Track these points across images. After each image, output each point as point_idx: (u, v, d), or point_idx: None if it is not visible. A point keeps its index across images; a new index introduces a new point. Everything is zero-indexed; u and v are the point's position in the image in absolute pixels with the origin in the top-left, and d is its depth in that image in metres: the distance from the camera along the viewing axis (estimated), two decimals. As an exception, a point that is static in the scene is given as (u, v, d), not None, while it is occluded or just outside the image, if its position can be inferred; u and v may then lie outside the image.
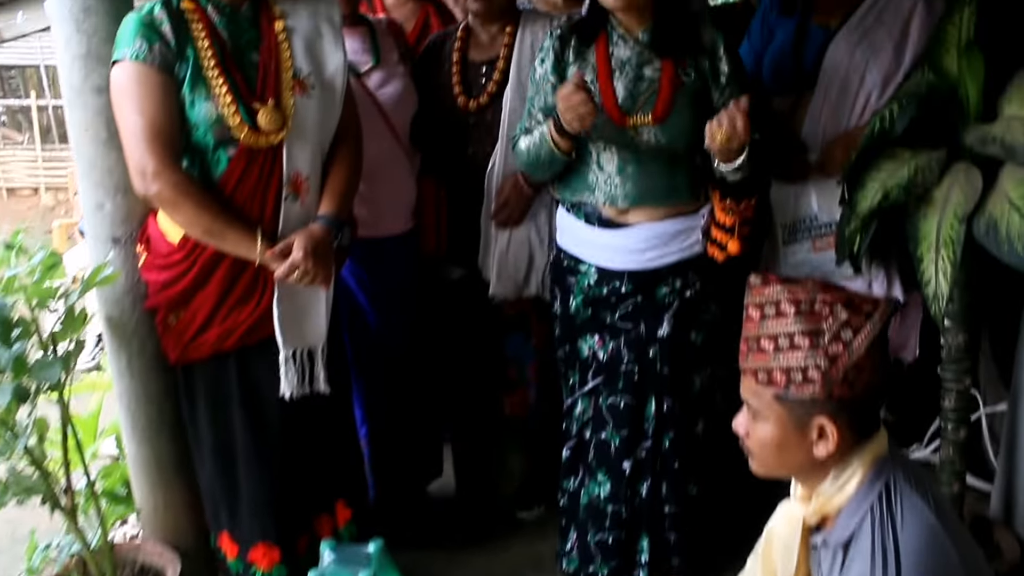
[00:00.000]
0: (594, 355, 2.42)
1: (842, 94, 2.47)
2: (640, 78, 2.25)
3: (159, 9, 2.03)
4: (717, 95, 2.27)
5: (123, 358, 2.31)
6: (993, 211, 2.01)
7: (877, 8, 2.48)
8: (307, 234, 2.10)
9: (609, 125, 2.24)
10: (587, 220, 2.38)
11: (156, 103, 2.00)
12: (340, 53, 2.22)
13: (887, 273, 2.52)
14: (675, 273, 2.34)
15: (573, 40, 2.33)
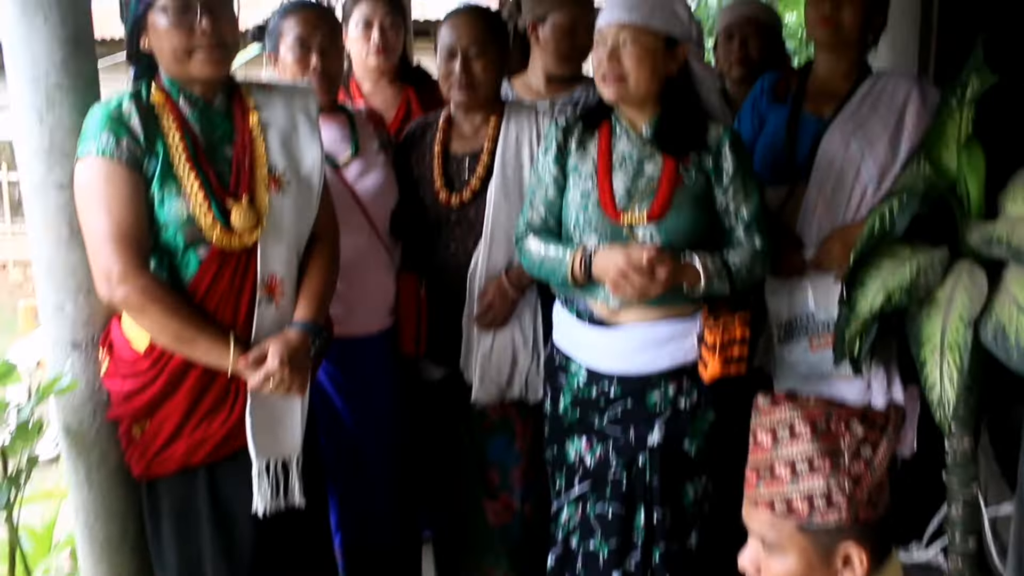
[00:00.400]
0: (581, 460, 2.31)
1: (838, 187, 2.42)
2: (640, 174, 2.19)
3: (127, 102, 1.94)
4: (720, 194, 2.19)
5: (81, 470, 2.15)
6: (1000, 315, 1.94)
7: (871, 98, 2.46)
8: (283, 341, 1.99)
9: (604, 221, 2.17)
10: (579, 316, 2.30)
11: (123, 202, 1.90)
12: (317, 147, 2.13)
13: (887, 371, 2.43)
14: (668, 379, 2.23)
15: (577, 130, 2.28)
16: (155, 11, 1.91)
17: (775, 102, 2.60)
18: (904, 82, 2.45)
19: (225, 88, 2.06)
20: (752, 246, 2.18)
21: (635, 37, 2.11)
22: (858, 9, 2.41)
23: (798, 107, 2.54)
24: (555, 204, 2.28)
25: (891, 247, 2.15)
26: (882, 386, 2.44)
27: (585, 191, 2.22)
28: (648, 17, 2.11)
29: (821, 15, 2.43)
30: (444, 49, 2.48)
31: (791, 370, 2.49)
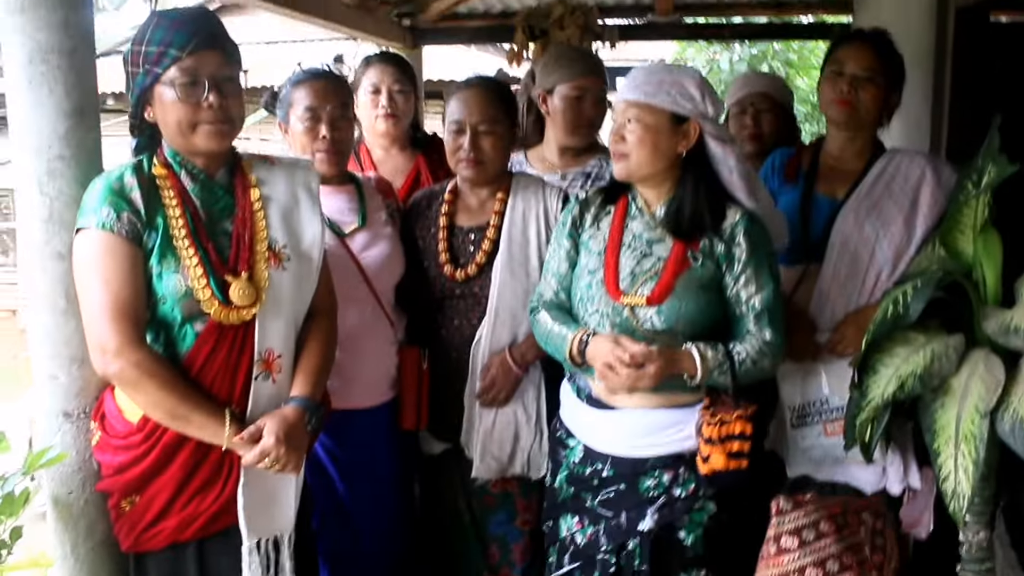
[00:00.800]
0: (572, 537, 2.26)
1: (852, 269, 2.38)
2: (647, 255, 2.15)
3: (129, 175, 1.93)
4: (731, 282, 2.13)
5: (67, 542, 2.09)
6: (1019, 407, 1.88)
7: (884, 179, 2.43)
8: (279, 418, 1.95)
9: (606, 300, 2.14)
10: (578, 394, 2.27)
11: (122, 276, 1.87)
12: (318, 223, 2.11)
13: (903, 457, 2.37)
14: (664, 466, 2.17)
15: (594, 205, 2.26)
16: (162, 84, 1.90)
17: (787, 181, 2.58)
18: (918, 162, 2.42)
19: (227, 161, 2.05)
20: (762, 338, 2.11)
21: (638, 116, 2.09)
22: (877, 90, 2.40)
23: (811, 187, 2.51)
24: (566, 278, 2.26)
25: (905, 333, 2.09)
26: (898, 473, 2.37)
27: (592, 268, 2.19)
28: (652, 95, 2.08)
29: (838, 95, 2.41)
30: (452, 124, 2.46)
31: (804, 455, 2.42)
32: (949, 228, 2.07)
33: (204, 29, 1.92)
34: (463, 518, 2.59)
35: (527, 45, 5.07)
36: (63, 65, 1.91)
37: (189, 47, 1.88)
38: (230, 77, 1.96)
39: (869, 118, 2.43)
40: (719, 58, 10.49)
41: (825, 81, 2.47)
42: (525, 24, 5.03)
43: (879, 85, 2.40)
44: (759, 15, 5.42)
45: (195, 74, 1.90)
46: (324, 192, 2.45)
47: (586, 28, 4.91)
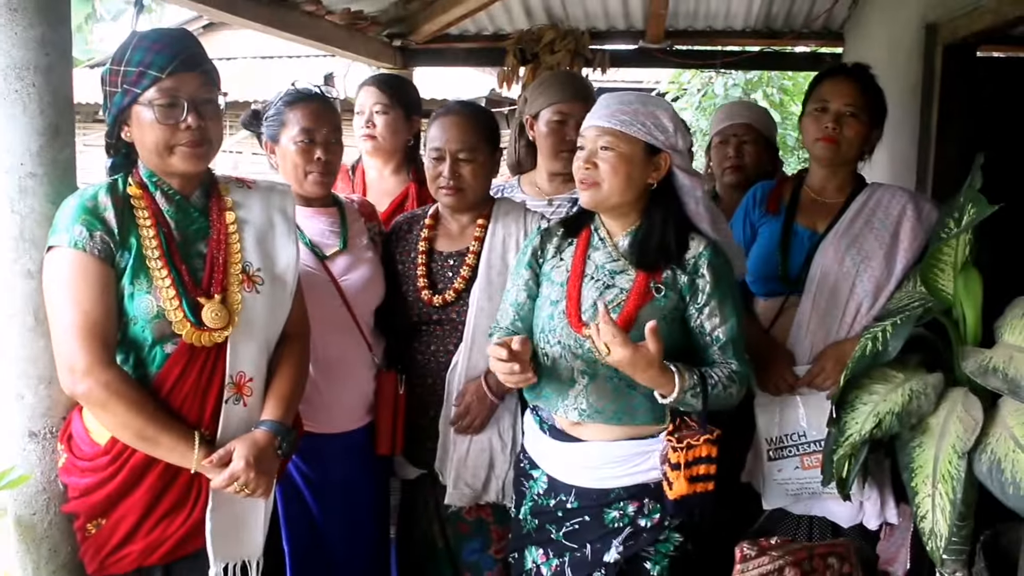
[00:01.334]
0: (537, 569, 2.22)
1: (832, 302, 2.38)
2: (610, 287, 2.11)
3: (103, 194, 1.91)
4: (694, 313, 2.10)
5: (30, 564, 2.05)
6: (996, 449, 1.86)
7: (865, 213, 2.43)
8: (249, 442, 1.93)
9: (568, 332, 2.11)
10: (540, 426, 2.23)
11: (93, 296, 1.85)
12: (293, 247, 2.10)
13: (880, 492, 2.36)
14: (629, 497, 2.13)
15: (556, 236, 2.23)
16: (140, 104, 1.89)
17: (768, 213, 2.57)
18: (899, 197, 2.43)
19: (203, 183, 2.04)
20: (729, 367, 2.07)
21: (613, 144, 2.05)
22: (860, 126, 2.41)
23: (791, 219, 2.50)
24: (524, 307, 2.23)
25: (883, 370, 2.09)
26: (875, 508, 2.37)
27: (555, 299, 2.15)
28: (628, 124, 2.05)
29: (823, 132, 2.42)
30: (432, 150, 2.45)
31: (781, 488, 2.41)
32: (929, 266, 2.06)
33: (184, 51, 1.91)
34: (437, 544, 2.56)
35: (518, 68, 5.08)
36: (38, 82, 1.89)
37: (169, 68, 1.87)
38: (209, 99, 1.94)
39: (852, 153, 2.44)
40: (714, 83, 10.53)
41: (808, 117, 2.47)
42: (516, 48, 5.04)
43: (863, 121, 2.41)
44: (751, 44, 5.44)
45: (174, 96, 1.88)
46: (307, 214, 2.45)
47: (576, 53, 4.93)
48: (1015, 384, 1.84)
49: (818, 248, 2.42)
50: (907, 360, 2.10)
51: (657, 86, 11.13)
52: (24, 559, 2.05)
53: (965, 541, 2.13)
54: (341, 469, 2.48)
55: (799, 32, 5.17)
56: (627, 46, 5.37)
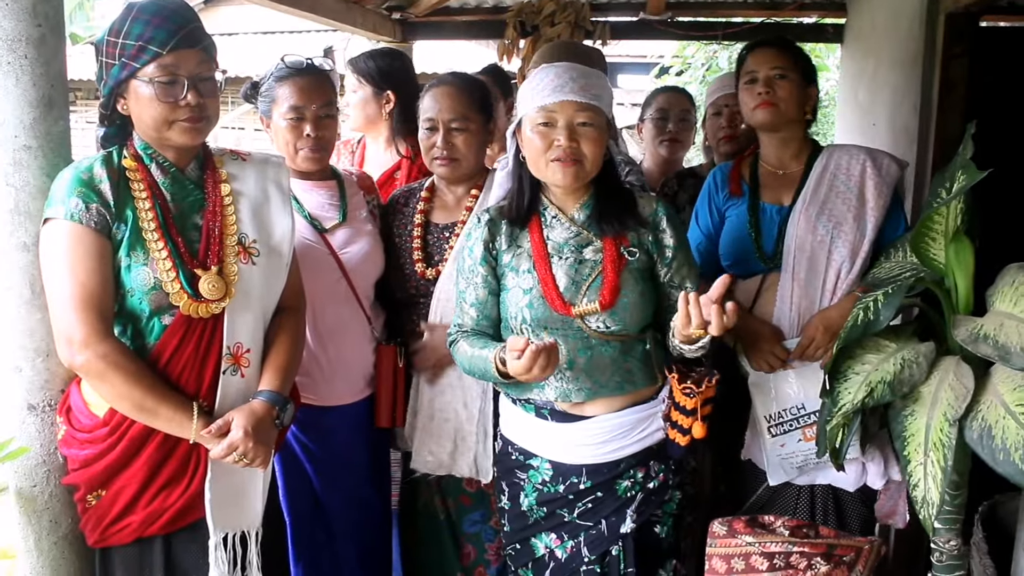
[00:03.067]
0: (551, 553, 2.22)
1: (811, 272, 2.40)
2: (581, 261, 2.10)
3: (99, 166, 1.91)
4: (664, 270, 2.12)
5: (31, 535, 2.07)
6: (987, 416, 1.87)
7: (827, 178, 2.45)
8: (248, 412, 1.94)
9: (553, 316, 2.08)
10: (538, 414, 2.18)
11: (90, 267, 1.85)
12: (288, 219, 2.10)
13: (883, 454, 2.39)
14: (636, 464, 2.15)
15: (504, 225, 2.17)
16: (139, 79, 1.88)
17: (732, 196, 2.59)
18: (857, 156, 2.46)
19: (198, 155, 2.04)
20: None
21: (592, 119, 2.04)
22: (791, 85, 2.44)
23: (756, 197, 2.52)
24: (487, 304, 2.18)
25: (875, 339, 2.10)
26: (879, 468, 2.40)
27: (527, 287, 2.11)
28: (599, 97, 2.06)
29: (757, 99, 2.45)
30: (425, 121, 2.45)
31: (785, 462, 2.42)
32: (921, 234, 2.06)
33: (184, 26, 1.89)
34: (438, 516, 2.58)
35: (518, 41, 5.05)
36: (31, 54, 1.89)
37: (170, 44, 1.86)
38: (208, 76, 1.94)
39: (792, 113, 2.46)
40: (718, 56, 10.46)
41: (742, 92, 2.51)
42: (516, 20, 5.01)
43: (793, 80, 2.44)
44: (753, 15, 5.40)
45: (174, 72, 1.88)
46: (305, 187, 2.45)
47: (577, 25, 4.89)
48: (1005, 351, 1.84)
49: (788, 221, 2.44)
50: (899, 330, 2.10)
51: (660, 60, 11.06)
52: (25, 531, 2.07)
53: (959, 510, 2.15)
54: (341, 441, 2.49)
55: (801, 3, 5.12)
56: (628, 18, 5.32)
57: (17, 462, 2.03)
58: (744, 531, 1.35)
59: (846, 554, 1.31)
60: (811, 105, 2.50)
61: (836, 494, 2.51)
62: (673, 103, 3.52)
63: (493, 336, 2.20)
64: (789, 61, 2.46)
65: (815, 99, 2.51)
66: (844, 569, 1.32)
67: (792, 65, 2.45)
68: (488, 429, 2.43)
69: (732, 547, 1.34)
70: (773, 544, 1.33)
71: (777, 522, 1.34)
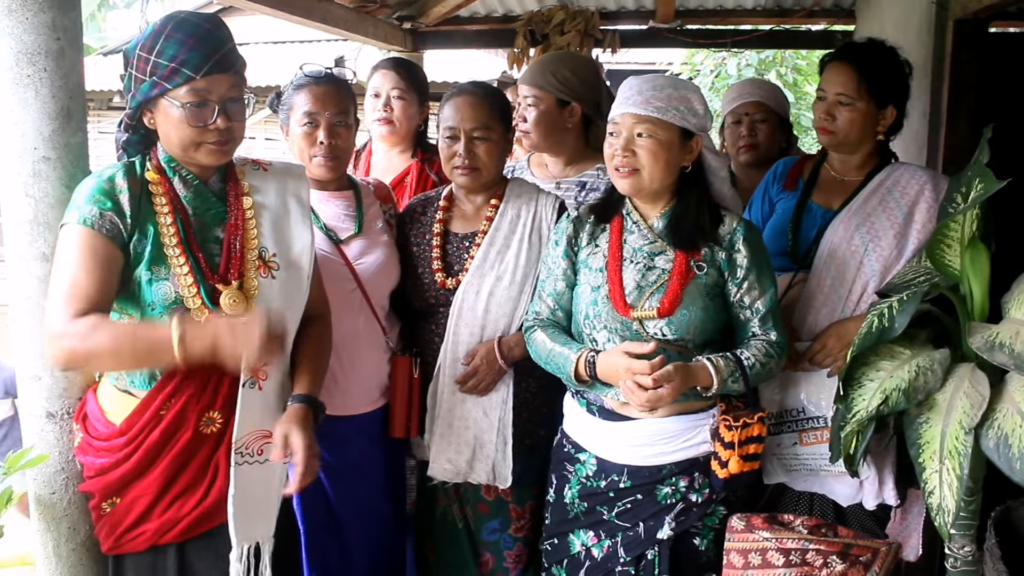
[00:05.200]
0: (587, 552, 2.24)
1: (838, 280, 2.37)
2: (651, 268, 2.15)
3: (121, 177, 1.92)
4: (734, 289, 2.16)
5: (50, 542, 2.09)
6: (1003, 424, 1.86)
7: (881, 192, 2.41)
8: (298, 426, 1.93)
9: (613, 316, 2.14)
10: (588, 409, 2.25)
11: (88, 268, 1.83)
12: (308, 232, 2.11)
13: (879, 473, 2.36)
14: (680, 472, 2.17)
15: (588, 223, 2.25)
16: (169, 98, 1.88)
17: (786, 189, 2.57)
18: (919, 177, 2.40)
19: (220, 168, 2.04)
20: (768, 339, 2.14)
21: (651, 131, 2.08)
22: (856, 113, 2.38)
23: (807, 196, 2.50)
24: (564, 296, 2.26)
25: (890, 346, 2.09)
26: (873, 487, 2.36)
27: (596, 285, 2.18)
28: (664, 111, 2.08)
29: (819, 122, 2.43)
30: (446, 130, 2.45)
31: (780, 463, 2.42)
32: (936, 241, 2.05)
33: (219, 50, 1.89)
34: (456, 525, 2.58)
35: (528, 50, 5.08)
36: (49, 67, 1.91)
37: (204, 69, 1.86)
38: (238, 98, 1.94)
39: (852, 140, 2.42)
40: (727, 63, 10.47)
41: (814, 104, 2.48)
42: (526, 29, 5.04)
43: (858, 108, 2.38)
44: (761, 23, 5.41)
45: (206, 96, 1.88)
46: (321, 198, 2.46)
47: (586, 34, 4.91)
48: (1021, 360, 1.84)
49: (829, 225, 2.42)
50: (914, 336, 2.10)
51: (669, 67, 11.07)
52: (44, 537, 2.09)
53: (973, 516, 2.14)
54: (356, 451, 2.49)
55: (810, 10, 5.14)
56: (637, 26, 5.35)
57: (36, 469, 2.05)
58: (762, 527, 1.36)
59: (862, 554, 1.32)
60: (884, 126, 2.42)
61: (837, 506, 2.46)
62: None
63: (566, 330, 2.26)
64: (857, 87, 2.36)
65: (890, 119, 2.42)
66: (860, 569, 1.32)
67: (860, 92, 2.36)
68: (507, 437, 2.44)
69: (749, 542, 1.36)
70: (790, 540, 1.34)
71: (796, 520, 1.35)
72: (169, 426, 1.93)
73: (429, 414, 2.49)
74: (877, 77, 2.39)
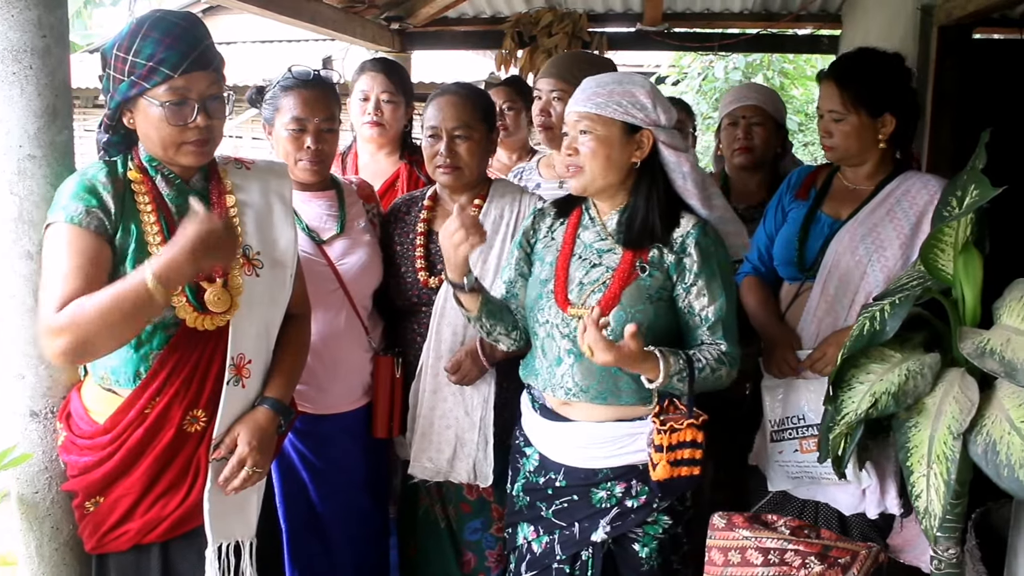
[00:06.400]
0: (529, 546, 2.25)
1: (841, 290, 2.38)
2: (596, 266, 2.12)
3: (103, 175, 1.90)
4: (682, 293, 2.08)
5: (32, 541, 2.07)
6: (992, 430, 1.86)
7: (889, 202, 2.41)
8: (253, 425, 1.96)
9: (555, 311, 2.12)
10: (532, 405, 2.26)
11: (78, 267, 1.82)
12: (291, 230, 2.10)
13: (881, 481, 2.36)
14: (616, 477, 2.14)
15: (549, 216, 2.25)
16: (148, 98, 1.86)
17: (797, 199, 2.57)
18: (929, 187, 2.39)
19: (203, 167, 2.03)
20: (719, 348, 2.06)
21: (590, 127, 2.05)
22: (850, 127, 2.40)
23: (817, 205, 2.51)
24: (514, 285, 2.26)
25: (881, 349, 2.09)
26: (875, 496, 2.37)
27: (544, 278, 2.17)
28: (604, 106, 2.04)
29: (821, 137, 2.44)
30: (429, 129, 2.46)
31: (782, 470, 2.42)
32: (930, 246, 2.05)
33: (196, 48, 1.87)
34: (438, 524, 2.58)
35: (516, 51, 5.08)
36: (36, 65, 1.89)
37: (181, 68, 1.84)
38: (218, 96, 1.93)
39: (852, 152, 2.43)
40: (714, 66, 10.50)
41: (817, 122, 2.50)
42: (514, 31, 5.04)
43: (849, 122, 2.39)
44: (749, 26, 5.43)
45: (185, 95, 1.86)
46: (304, 198, 2.45)
47: (574, 36, 4.92)
48: (1011, 367, 1.83)
49: (835, 235, 2.42)
50: (905, 340, 2.10)
51: (657, 70, 11.11)
52: (27, 537, 2.07)
53: (959, 519, 2.15)
54: (338, 450, 2.49)
55: (797, 14, 5.16)
56: (625, 29, 5.37)
57: (19, 468, 2.03)
58: (742, 525, 1.36)
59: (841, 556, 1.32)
60: (885, 134, 2.40)
61: (841, 516, 2.46)
62: None
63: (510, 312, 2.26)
64: (847, 102, 2.37)
65: (890, 127, 2.40)
66: (838, 570, 1.33)
67: (847, 106, 2.37)
68: (489, 437, 2.45)
69: (729, 540, 1.36)
70: (769, 540, 1.34)
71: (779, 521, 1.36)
72: (153, 424, 1.92)
73: (411, 413, 2.50)
74: (864, 88, 2.39)
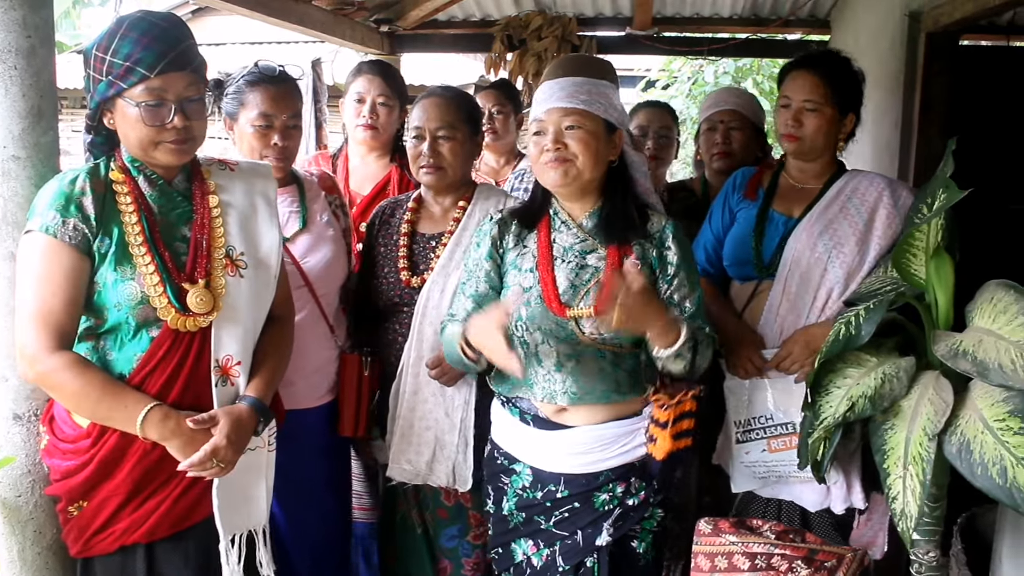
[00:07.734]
0: (528, 560, 2.24)
1: (802, 287, 2.40)
2: (583, 266, 2.13)
3: (84, 179, 1.90)
4: (665, 286, 2.14)
5: (15, 545, 2.06)
6: (966, 430, 1.89)
7: (841, 199, 2.45)
8: (235, 419, 1.94)
9: (547, 316, 2.11)
10: (522, 419, 2.22)
11: (56, 283, 1.84)
12: (275, 230, 2.11)
13: (847, 477, 2.39)
14: (616, 478, 2.16)
15: (514, 226, 2.23)
16: (125, 99, 1.87)
17: (746, 198, 2.59)
18: (876, 184, 2.44)
19: (186, 167, 2.03)
20: (703, 332, 2.11)
21: (579, 122, 2.08)
22: (822, 119, 2.42)
23: (768, 205, 2.53)
24: (486, 298, 2.21)
25: (857, 354, 2.12)
26: (841, 492, 2.40)
27: (527, 287, 2.15)
28: (590, 103, 2.09)
29: (785, 128, 2.45)
30: (413, 130, 2.48)
31: (748, 471, 2.44)
32: (902, 251, 2.08)
33: (174, 48, 1.87)
34: (415, 530, 2.57)
35: (505, 55, 5.09)
36: (20, 65, 1.90)
37: (158, 68, 1.84)
38: (196, 98, 1.93)
39: (819, 145, 2.45)
40: (704, 71, 10.52)
41: (777, 111, 2.51)
42: (503, 34, 5.05)
43: (824, 114, 2.41)
44: (738, 31, 5.46)
45: (162, 95, 1.86)
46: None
47: (563, 39, 4.94)
48: (984, 367, 1.87)
49: (792, 233, 2.45)
50: (880, 344, 2.13)
51: (647, 74, 11.13)
52: (9, 541, 2.06)
53: (938, 522, 2.17)
54: (300, 446, 2.43)
55: (786, 20, 5.19)
56: (614, 33, 5.38)
57: (2, 472, 2.02)
58: (729, 531, 1.38)
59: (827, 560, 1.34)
60: (845, 133, 2.47)
61: (804, 512, 2.49)
62: (653, 119, 3.49)
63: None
64: (823, 93, 2.40)
65: (851, 127, 2.47)
66: (825, 574, 1.34)
67: (826, 98, 2.40)
68: (469, 439, 2.44)
69: (716, 545, 1.37)
70: (756, 545, 1.35)
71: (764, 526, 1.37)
72: None
73: (390, 414, 2.49)
74: (840, 85, 2.44)
